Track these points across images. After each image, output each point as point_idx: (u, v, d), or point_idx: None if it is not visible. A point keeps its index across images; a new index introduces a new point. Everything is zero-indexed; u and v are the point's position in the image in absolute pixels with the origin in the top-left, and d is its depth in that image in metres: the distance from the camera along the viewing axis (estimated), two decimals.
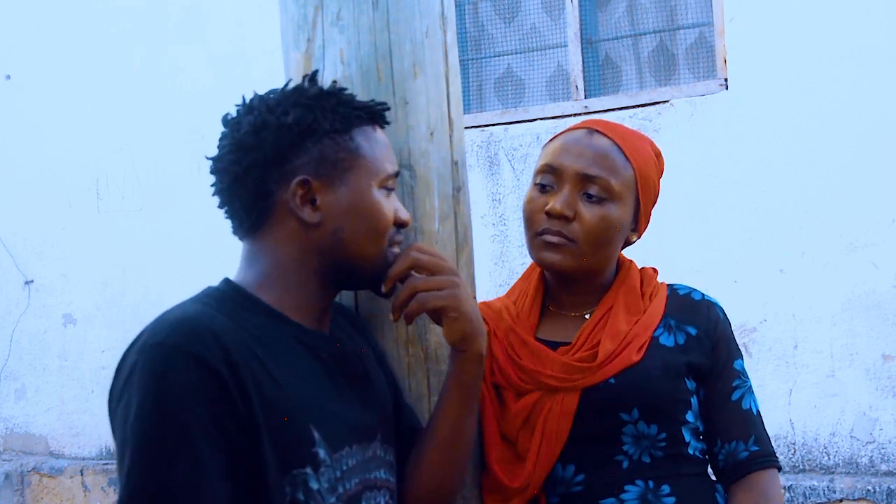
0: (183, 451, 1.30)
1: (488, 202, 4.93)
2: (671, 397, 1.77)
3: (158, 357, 1.33)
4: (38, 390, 6.07)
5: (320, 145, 1.50)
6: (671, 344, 1.81)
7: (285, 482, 1.39)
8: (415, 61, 1.75)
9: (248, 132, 1.49)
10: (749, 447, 1.81)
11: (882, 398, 4.25)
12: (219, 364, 1.33)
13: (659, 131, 4.56)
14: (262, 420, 1.36)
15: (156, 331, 1.37)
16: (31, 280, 6.07)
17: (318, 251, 1.51)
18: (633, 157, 1.83)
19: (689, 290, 1.90)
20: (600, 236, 1.79)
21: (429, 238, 1.76)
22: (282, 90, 1.55)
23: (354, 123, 1.53)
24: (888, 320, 4.23)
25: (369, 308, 1.75)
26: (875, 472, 4.26)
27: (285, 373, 1.43)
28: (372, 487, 1.52)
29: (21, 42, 6.02)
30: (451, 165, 1.80)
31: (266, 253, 1.51)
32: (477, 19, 5.27)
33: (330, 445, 1.44)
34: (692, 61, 4.80)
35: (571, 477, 1.78)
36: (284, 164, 1.49)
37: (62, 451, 5.98)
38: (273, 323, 1.47)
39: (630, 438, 1.76)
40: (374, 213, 1.52)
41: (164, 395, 1.31)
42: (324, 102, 1.52)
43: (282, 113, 1.50)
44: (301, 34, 1.77)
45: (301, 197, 1.49)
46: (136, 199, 5.74)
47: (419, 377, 1.75)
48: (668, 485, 1.76)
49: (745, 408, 1.83)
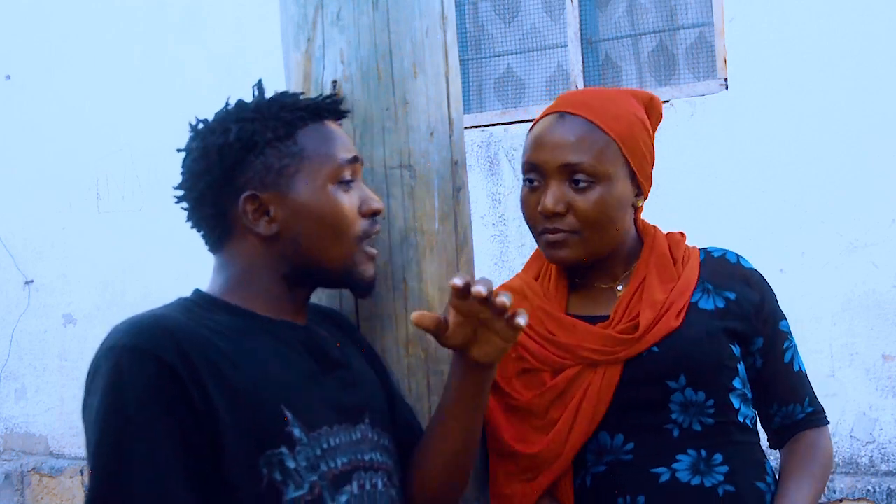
0: (142, 448, 1.35)
1: (488, 202, 4.92)
2: (717, 362, 1.75)
3: (113, 359, 1.37)
4: (38, 390, 6.06)
5: (263, 156, 1.51)
6: (711, 307, 1.79)
7: (261, 463, 1.40)
8: (415, 61, 1.75)
9: (196, 158, 1.53)
10: (805, 409, 1.86)
11: (882, 398, 4.24)
12: (172, 358, 1.37)
13: (659, 131, 4.55)
14: (223, 407, 1.38)
15: (111, 335, 1.41)
16: (31, 280, 6.07)
17: (283, 260, 1.52)
18: (611, 127, 1.77)
19: (723, 252, 1.87)
20: (601, 219, 1.76)
21: (429, 238, 1.76)
22: (224, 109, 1.56)
23: (298, 125, 1.53)
24: (888, 320, 4.23)
25: (370, 309, 1.75)
26: (875, 472, 4.26)
27: (250, 360, 1.45)
28: (365, 468, 1.51)
29: (21, 42, 6.02)
30: (451, 165, 1.80)
31: (233, 262, 1.54)
32: (477, 19, 5.26)
33: (305, 424, 1.45)
34: (692, 61, 4.79)
35: (621, 445, 1.75)
36: (233, 182, 1.51)
37: (62, 451, 5.98)
38: (238, 319, 1.50)
39: (678, 406, 1.74)
40: (331, 214, 1.52)
41: (121, 394, 1.36)
42: (264, 112, 1.53)
43: (222, 132, 1.52)
44: (301, 34, 1.77)
45: (253, 212, 1.51)
46: (136, 199, 5.73)
47: (419, 377, 1.75)
48: (721, 453, 1.74)
49: (796, 370, 1.86)
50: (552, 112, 1.81)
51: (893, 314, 4.22)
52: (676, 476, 1.72)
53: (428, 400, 1.75)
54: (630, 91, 1.89)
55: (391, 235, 1.74)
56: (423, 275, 1.75)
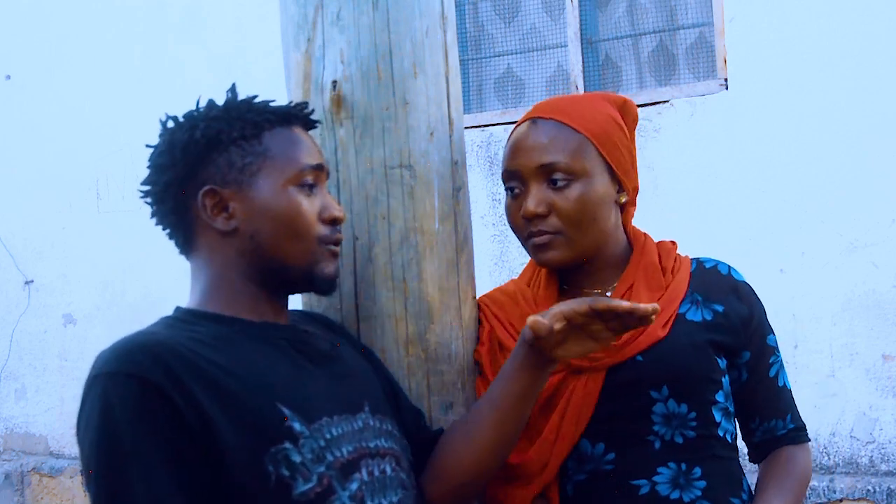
0: (138, 470, 1.36)
1: (488, 202, 4.92)
2: (701, 374, 1.75)
3: (100, 386, 1.39)
4: (38, 390, 6.07)
5: (227, 153, 1.53)
6: (698, 319, 1.78)
7: (266, 461, 1.40)
8: (415, 61, 1.75)
9: (162, 152, 1.56)
10: (787, 425, 1.86)
11: (882, 398, 4.24)
12: (157, 378, 1.38)
13: (659, 131, 4.56)
14: (219, 415, 1.39)
15: (97, 363, 1.42)
16: (31, 280, 6.07)
17: (242, 256, 1.53)
18: (582, 125, 1.78)
19: (715, 263, 1.87)
20: (583, 217, 1.76)
21: (429, 238, 1.76)
22: (196, 107, 1.58)
23: (265, 127, 1.55)
24: (888, 320, 4.23)
25: (370, 309, 1.75)
26: (875, 472, 4.26)
27: (240, 365, 1.46)
28: (371, 455, 1.52)
29: (21, 42, 6.02)
30: (451, 165, 1.80)
31: (203, 269, 1.56)
32: (477, 19, 5.26)
33: (304, 417, 1.45)
34: (692, 61, 4.79)
35: (601, 455, 1.74)
36: (195, 177, 1.53)
37: (62, 451, 5.98)
38: (221, 326, 1.51)
39: (660, 418, 1.73)
40: (289, 213, 1.53)
41: (111, 420, 1.37)
42: (232, 112, 1.55)
43: (189, 128, 1.54)
44: (301, 34, 1.77)
45: (212, 207, 1.52)
46: (136, 199, 5.68)
47: (419, 377, 1.75)
48: (700, 467, 1.74)
49: (781, 385, 1.86)
50: (525, 120, 1.83)
51: (893, 314, 4.22)
52: (656, 489, 1.72)
53: (428, 400, 1.75)
54: (602, 94, 1.90)
55: (391, 235, 1.74)
56: (423, 275, 1.75)
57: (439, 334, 1.76)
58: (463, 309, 1.80)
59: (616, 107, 1.85)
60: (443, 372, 1.74)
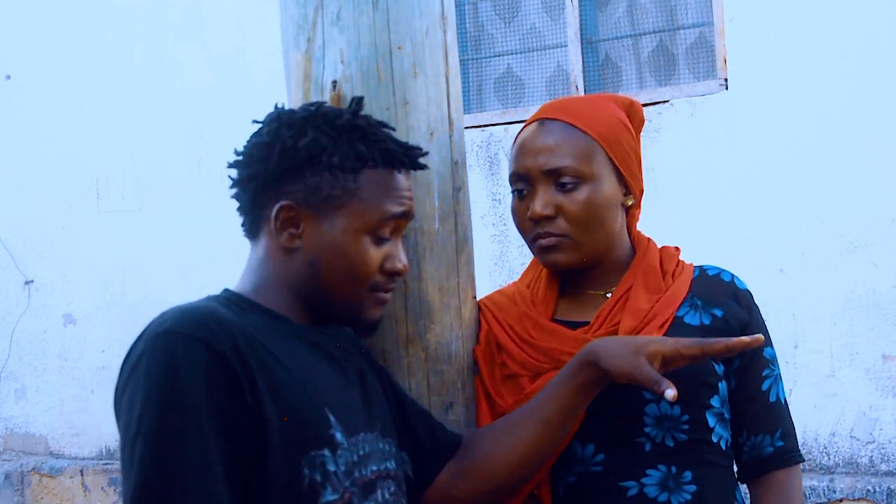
0: (191, 434, 1.33)
1: (488, 202, 4.92)
2: (695, 378, 1.72)
3: (166, 344, 1.35)
4: (38, 390, 6.07)
5: (318, 177, 1.48)
6: (696, 323, 1.77)
7: (304, 463, 1.40)
8: (415, 61, 1.75)
9: (261, 143, 1.51)
10: (775, 442, 1.80)
11: (882, 398, 4.25)
12: (225, 349, 1.36)
13: (659, 131, 4.55)
14: (270, 404, 1.37)
15: (162, 321, 1.39)
16: (31, 280, 6.07)
17: (294, 275, 1.51)
18: (591, 128, 1.77)
19: (718, 271, 1.85)
20: (590, 220, 1.76)
21: (429, 238, 1.76)
22: (316, 109, 1.53)
23: (367, 164, 1.50)
24: (888, 320, 4.23)
25: None
26: (875, 472, 4.26)
27: (294, 361, 1.45)
28: (383, 477, 1.52)
29: (21, 42, 6.02)
30: (451, 165, 1.80)
31: (259, 263, 1.53)
32: (477, 19, 5.26)
33: (346, 429, 1.45)
34: (692, 61, 4.80)
35: (591, 456, 1.73)
36: (280, 184, 1.49)
37: (62, 451, 5.98)
38: (274, 322, 1.49)
39: (652, 419, 1.72)
40: (353, 259, 1.50)
41: (172, 379, 1.33)
42: (344, 136, 1.50)
43: (297, 133, 1.49)
44: (301, 34, 1.77)
45: (283, 221, 1.49)
46: (136, 199, 5.74)
47: (419, 377, 1.75)
48: (691, 471, 1.72)
49: (773, 400, 1.80)
50: (533, 121, 1.82)
51: (893, 314, 4.22)
52: (644, 491, 1.70)
53: (428, 400, 1.75)
54: (609, 96, 1.89)
55: None
56: (423, 275, 1.75)
57: (439, 334, 1.76)
58: (463, 309, 1.80)
59: (623, 108, 1.85)
60: (443, 372, 1.74)
